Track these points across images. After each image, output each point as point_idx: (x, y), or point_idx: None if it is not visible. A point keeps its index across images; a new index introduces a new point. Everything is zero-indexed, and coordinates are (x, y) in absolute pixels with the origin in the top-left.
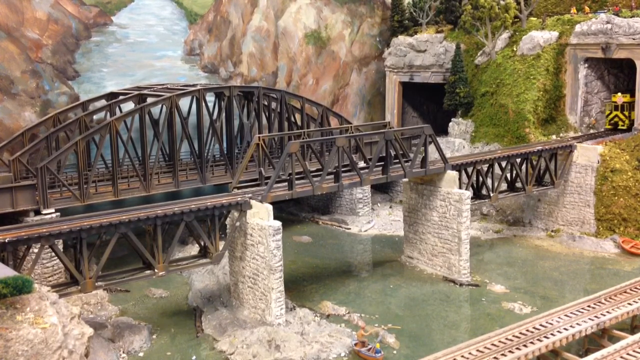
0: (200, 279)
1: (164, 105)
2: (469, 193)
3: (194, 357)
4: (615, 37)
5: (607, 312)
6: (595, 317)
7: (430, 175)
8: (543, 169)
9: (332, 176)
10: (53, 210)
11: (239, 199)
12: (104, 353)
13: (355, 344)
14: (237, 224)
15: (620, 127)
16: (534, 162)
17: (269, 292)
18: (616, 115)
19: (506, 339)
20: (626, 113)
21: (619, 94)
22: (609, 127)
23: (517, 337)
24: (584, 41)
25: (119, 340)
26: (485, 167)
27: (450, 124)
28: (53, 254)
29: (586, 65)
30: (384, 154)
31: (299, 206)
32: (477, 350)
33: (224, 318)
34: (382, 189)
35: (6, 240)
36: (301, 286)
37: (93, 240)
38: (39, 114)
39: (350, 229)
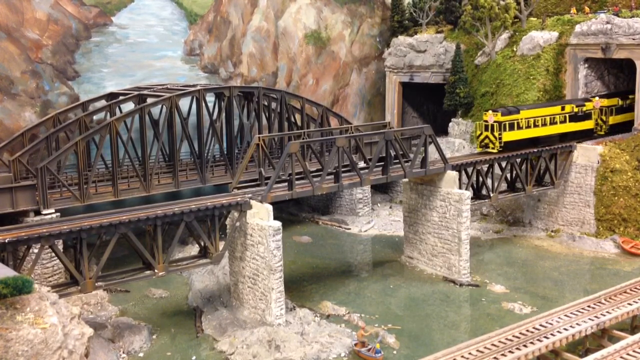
0: (200, 279)
1: (164, 106)
2: (469, 193)
3: (194, 357)
4: (615, 37)
5: (607, 312)
6: (595, 317)
7: (430, 175)
8: (543, 169)
9: (332, 176)
10: (53, 211)
11: (239, 199)
12: (104, 353)
13: (355, 344)
14: (237, 224)
15: (490, 149)
16: (534, 162)
17: (269, 292)
18: (487, 137)
19: (506, 339)
20: (496, 134)
21: (490, 111)
22: (480, 149)
23: (517, 337)
24: (583, 41)
25: (119, 340)
26: (485, 167)
27: (450, 124)
28: (53, 254)
29: (586, 65)
30: (384, 154)
31: (299, 206)
32: (477, 351)
33: (224, 318)
34: (382, 189)
35: (6, 241)
36: (301, 286)
37: (93, 240)
38: (39, 114)
39: (350, 229)
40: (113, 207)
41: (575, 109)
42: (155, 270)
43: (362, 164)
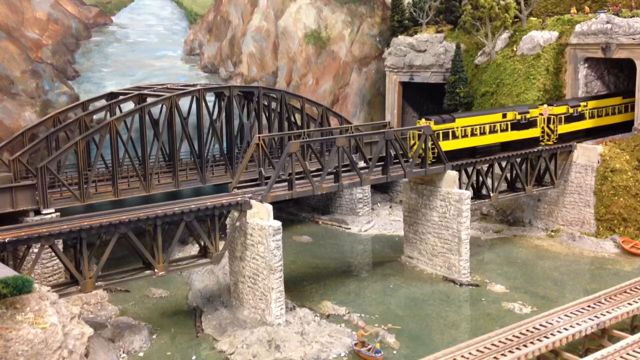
0: (200, 279)
1: (164, 105)
2: (469, 193)
3: (194, 357)
4: (615, 37)
5: (607, 312)
6: (595, 317)
7: (430, 175)
8: (543, 169)
9: (332, 176)
10: (53, 210)
11: (239, 199)
12: (104, 353)
13: (355, 344)
14: (237, 224)
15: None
16: (534, 162)
17: (269, 292)
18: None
19: (506, 339)
20: (430, 144)
21: (423, 119)
22: (418, 160)
23: (517, 337)
24: (584, 41)
25: (119, 340)
26: (485, 167)
27: None
28: (53, 254)
29: (586, 65)
30: (384, 154)
31: (299, 206)
32: (477, 350)
33: (224, 318)
34: (382, 189)
35: (6, 240)
36: (301, 286)
37: (93, 240)
38: (39, 114)
39: (350, 229)
40: (113, 207)
41: (518, 117)
42: (155, 270)
43: (362, 164)
